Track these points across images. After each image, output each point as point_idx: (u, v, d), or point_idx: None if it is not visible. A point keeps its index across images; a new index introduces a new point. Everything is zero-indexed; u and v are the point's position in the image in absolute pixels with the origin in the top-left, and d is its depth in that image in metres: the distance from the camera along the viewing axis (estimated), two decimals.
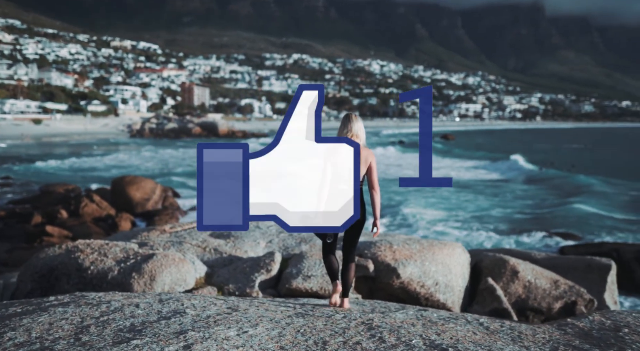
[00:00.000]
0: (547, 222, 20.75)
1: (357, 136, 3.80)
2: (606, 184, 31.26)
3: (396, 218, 20.62)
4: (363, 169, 3.74)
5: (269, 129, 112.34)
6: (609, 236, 19.11)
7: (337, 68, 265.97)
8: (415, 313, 3.58)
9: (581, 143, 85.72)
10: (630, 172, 38.53)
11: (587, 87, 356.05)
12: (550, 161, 44.92)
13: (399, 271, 5.95)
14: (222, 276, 6.08)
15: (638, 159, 52.39)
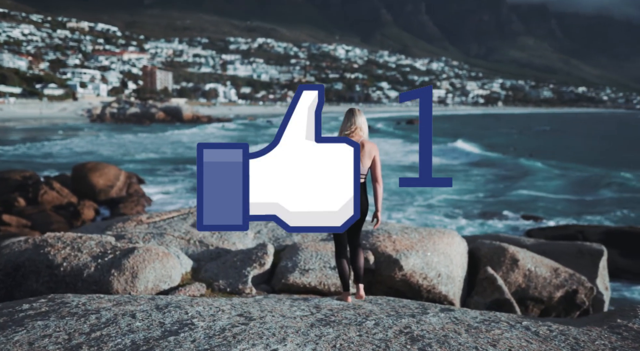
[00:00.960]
0: (504, 205, 21.01)
1: (361, 128, 3.88)
2: (554, 168, 31.97)
3: None
4: (367, 162, 3.83)
5: (234, 114, 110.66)
6: (563, 218, 19.50)
7: (303, 53, 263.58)
8: (446, 315, 3.23)
9: (541, 127, 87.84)
10: (579, 156, 39.60)
11: (545, 74, 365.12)
12: (513, 146, 45.67)
13: (401, 262, 5.60)
14: (211, 271, 5.60)
15: (587, 143, 53.78)
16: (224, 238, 6.41)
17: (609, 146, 51.05)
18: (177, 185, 24.78)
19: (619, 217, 19.78)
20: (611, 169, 31.09)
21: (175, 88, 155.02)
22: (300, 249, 5.71)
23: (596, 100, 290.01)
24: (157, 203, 21.03)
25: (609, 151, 44.53)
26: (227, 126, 76.22)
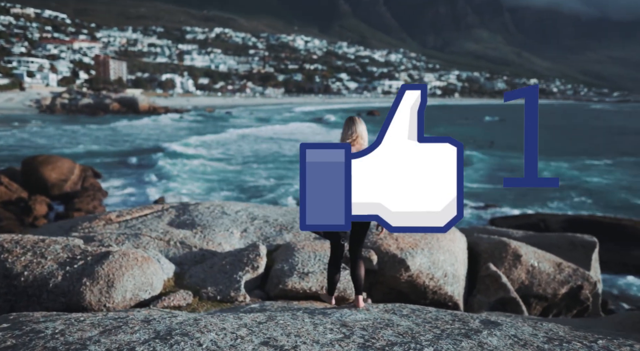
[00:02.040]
0: (466, 196, 21.06)
1: (362, 137, 3.90)
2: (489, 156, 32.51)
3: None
4: None
5: (192, 106, 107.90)
6: (516, 207, 19.71)
7: (261, 43, 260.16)
8: (502, 333, 2.77)
9: (492, 118, 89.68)
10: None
11: (499, 65, 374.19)
12: (472, 138, 46.25)
13: (407, 262, 5.15)
14: (196, 277, 4.99)
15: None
16: (207, 238, 5.80)
17: (557, 136, 52.53)
18: (133, 178, 23.69)
19: (566, 205, 20.11)
20: (552, 159, 31.93)
21: (130, 78, 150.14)
22: (295, 249, 5.18)
23: (547, 91, 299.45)
24: (113, 197, 19.97)
25: (557, 141, 45.80)
26: (185, 117, 74.23)
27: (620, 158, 33.14)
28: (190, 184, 22.70)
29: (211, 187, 22.34)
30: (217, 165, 27.97)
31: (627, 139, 48.31)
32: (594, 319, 4.98)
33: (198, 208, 6.92)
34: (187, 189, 21.70)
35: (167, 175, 23.94)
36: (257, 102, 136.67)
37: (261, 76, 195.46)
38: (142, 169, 26.29)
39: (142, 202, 18.86)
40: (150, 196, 20.19)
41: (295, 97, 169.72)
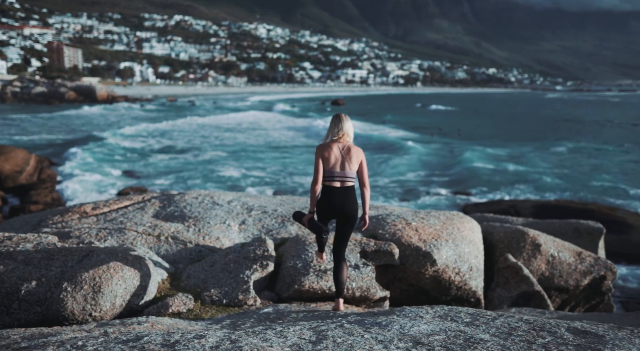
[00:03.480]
0: (434, 183, 20.98)
1: (348, 134, 3.93)
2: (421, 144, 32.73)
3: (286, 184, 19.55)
4: (355, 166, 3.87)
5: (152, 94, 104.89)
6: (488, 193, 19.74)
7: (223, 31, 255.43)
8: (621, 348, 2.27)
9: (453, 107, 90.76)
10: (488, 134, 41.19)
11: (459, 55, 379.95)
12: (438, 127, 46.45)
13: (434, 256, 4.61)
14: (196, 277, 4.34)
15: (486, 123, 55.92)
16: (203, 232, 5.13)
17: (508, 123, 53.45)
18: (93, 167, 22.47)
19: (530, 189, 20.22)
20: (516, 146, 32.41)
21: (86, 66, 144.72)
22: (307, 244, 4.57)
23: (505, 81, 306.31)
24: (69, 188, 18.74)
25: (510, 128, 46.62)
26: (147, 107, 71.91)
27: (577, 144, 33.83)
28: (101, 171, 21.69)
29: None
30: (162, 156, 26.96)
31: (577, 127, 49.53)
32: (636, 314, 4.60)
33: (185, 199, 6.22)
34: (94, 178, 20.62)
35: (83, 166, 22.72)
36: (220, 91, 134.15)
37: (223, 65, 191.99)
38: (100, 158, 25.07)
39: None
40: (112, 186, 19.10)
41: (258, 86, 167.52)
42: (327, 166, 3.82)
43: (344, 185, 3.82)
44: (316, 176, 3.81)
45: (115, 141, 31.50)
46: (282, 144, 32.12)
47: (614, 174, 23.30)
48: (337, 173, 3.81)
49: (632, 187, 20.46)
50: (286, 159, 26.02)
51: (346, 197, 3.81)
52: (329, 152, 3.83)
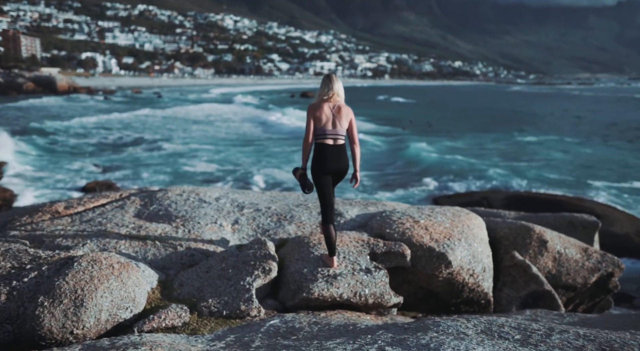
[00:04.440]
0: (403, 176, 20.93)
1: (338, 94, 4.06)
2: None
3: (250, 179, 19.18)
4: (345, 124, 4.02)
5: (116, 86, 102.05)
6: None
7: (189, 22, 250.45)
8: None
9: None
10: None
11: (426, 48, 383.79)
12: (409, 119, 46.56)
13: (449, 257, 4.27)
14: (189, 285, 3.88)
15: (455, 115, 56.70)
16: (193, 233, 4.66)
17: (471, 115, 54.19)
18: (50, 160, 21.47)
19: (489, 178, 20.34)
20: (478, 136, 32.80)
21: (45, 56, 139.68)
22: (311, 245, 4.17)
23: (470, 74, 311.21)
24: (21, 184, 17.76)
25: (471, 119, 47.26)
26: (110, 98, 69.73)
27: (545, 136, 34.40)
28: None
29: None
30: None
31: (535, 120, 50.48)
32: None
33: (168, 196, 5.72)
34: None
35: None
36: (186, 83, 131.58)
37: (190, 56, 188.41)
38: (51, 150, 24.02)
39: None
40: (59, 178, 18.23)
41: (226, 78, 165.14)
42: (318, 124, 3.97)
43: (336, 143, 3.98)
44: (307, 134, 3.97)
45: (75, 131, 30.33)
46: (246, 138, 31.53)
47: (565, 165, 23.60)
48: (329, 131, 3.96)
49: (584, 178, 20.65)
50: (248, 152, 25.50)
51: (338, 153, 3.97)
52: (320, 112, 3.97)
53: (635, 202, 17.00)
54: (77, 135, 29.89)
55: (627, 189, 18.89)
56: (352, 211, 5.28)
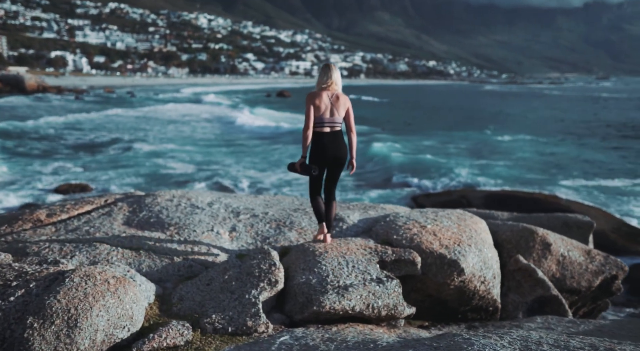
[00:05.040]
0: (375, 174, 20.91)
1: (336, 83, 4.17)
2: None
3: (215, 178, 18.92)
4: (342, 112, 4.16)
5: (87, 85, 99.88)
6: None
7: (162, 21, 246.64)
8: None
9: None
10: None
11: (401, 48, 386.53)
12: (387, 119, 46.69)
13: (461, 264, 4.10)
14: (190, 299, 3.62)
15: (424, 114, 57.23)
16: (190, 242, 4.38)
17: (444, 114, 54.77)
18: (12, 162, 20.75)
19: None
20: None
21: (11, 55, 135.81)
22: (317, 254, 3.95)
23: (444, 73, 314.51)
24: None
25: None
26: (82, 98, 68.10)
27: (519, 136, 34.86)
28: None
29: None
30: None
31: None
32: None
33: (158, 201, 5.42)
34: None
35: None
36: (160, 82, 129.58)
37: (163, 55, 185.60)
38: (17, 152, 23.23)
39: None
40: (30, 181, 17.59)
41: (200, 77, 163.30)
42: (317, 113, 4.07)
43: (333, 130, 4.11)
44: (307, 122, 4.06)
45: (46, 132, 29.45)
46: (222, 138, 31.10)
47: (537, 163, 23.83)
48: (327, 119, 4.08)
49: (555, 176, 20.87)
50: (225, 152, 25.13)
51: (336, 141, 4.10)
52: (320, 100, 4.07)
53: (607, 200, 17.25)
54: (47, 136, 29.02)
55: (599, 187, 19.16)
56: (353, 216, 5.09)
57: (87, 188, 17.20)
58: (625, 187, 19.21)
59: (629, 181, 20.14)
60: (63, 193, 16.40)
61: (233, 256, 4.13)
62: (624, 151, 27.74)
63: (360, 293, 3.59)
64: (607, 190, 18.64)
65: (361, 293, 3.59)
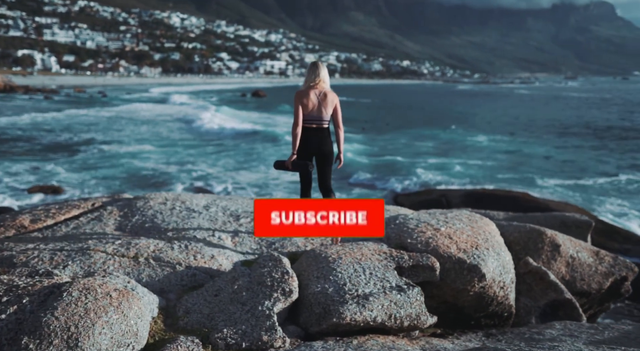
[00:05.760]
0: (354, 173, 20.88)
1: (324, 80, 4.25)
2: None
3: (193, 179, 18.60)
4: (330, 110, 4.24)
5: (57, 85, 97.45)
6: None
7: (133, 19, 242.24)
8: None
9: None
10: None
11: (375, 48, 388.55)
12: (364, 120, 46.73)
13: (482, 269, 3.91)
14: (197, 312, 3.35)
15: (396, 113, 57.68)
16: (192, 248, 4.08)
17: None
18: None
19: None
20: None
21: None
22: (330, 260, 3.71)
23: (418, 73, 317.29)
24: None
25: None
26: (51, 97, 66.28)
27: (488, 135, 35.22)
28: None
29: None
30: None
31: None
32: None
33: (150, 205, 5.11)
34: None
35: None
36: (132, 82, 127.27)
37: (135, 55, 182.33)
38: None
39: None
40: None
41: (174, 77, 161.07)
42: (305, 111, 4.17)
43: (319, 126, 4.21)
44: (296, 120, 4.16)
45: (14, 132, 28.49)
46: (192, 138, 30.61)
47: (511, 162, 24.00)
48: (315, 117, 4.19)
49: (530, 174, 21.06)
50: (201, 152, 24.71)
51: (321, 136, 4.20)
52: (307, 98, 4.16)
53: (582, 198, 17.44)
54: (16, 136, 28.07)
55: (573, 186, 19.37)
56: None
57: (59, 190, 16.67)
58: (596, 185, 19.51)
59: (593, 180, 20.45)
60: (35, 195, 15.86)
61: (239, 264, 3.86)
62: (589, 150, 28.24)
63: (381, 303, 3.36)
64: (578, 188, 18.90)
65: (382, 303, 3.36)
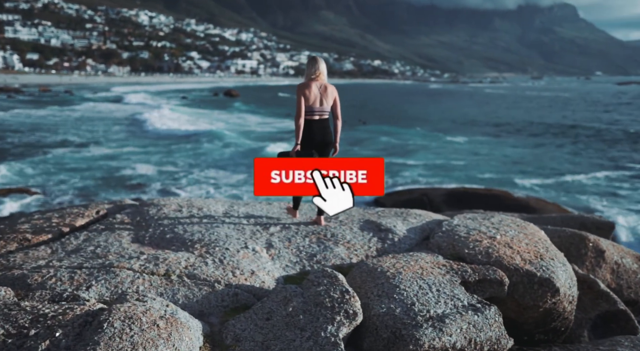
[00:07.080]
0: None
1: (323, 73, 4.51)
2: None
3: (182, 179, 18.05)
4: (330, 101, 4.47)
5: (20, 84, 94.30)
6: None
7: (100, 17, 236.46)
8: None
9: None
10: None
11: (346, 47, 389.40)
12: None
13: (555, 283, 3.54)
14: (249, 339, 2.91)
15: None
16: (229, 264, 3.61)
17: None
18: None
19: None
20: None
21: None
22: (389, 275, 3.31)
23: (389, 72, 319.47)
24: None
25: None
26: (14, 97, 63.88)
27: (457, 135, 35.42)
28: None
29: None
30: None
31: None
32: None
33: (164, 212, 4.62)
34: None
35: None
36: (99, 81, 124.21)
37: (102, 53, 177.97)
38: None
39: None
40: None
41: (143, 76, 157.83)
42: (307, 103, 4.33)
43: (321, 117, 4.39)
44: (299, 111, 4.30)
45: None
46: (158, 137, 29.76)
47: (488, 162, 24.07)
48: (316, 108, 4.36)
49: (507, 174, 21.12)
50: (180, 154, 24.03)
51: (323, 127, 4.38)
52: (309, 91, 4.34)
53: (561, 196, 17.49)
54: None
55: (552, 184, 19.46)
56: (399, 226, 4.49)
57: (29, 192, 15.94)
58: (574, 183, 19.66)
59: (572, 177, 20.63)
60: (3, 197, 15.16)
61: (281, 280, 3.44)
62: (562, 149, 28.57)
63: (459, 326, 2.97)
64: (556, 187, 19.00)
65: (460, 326, 2.98)
